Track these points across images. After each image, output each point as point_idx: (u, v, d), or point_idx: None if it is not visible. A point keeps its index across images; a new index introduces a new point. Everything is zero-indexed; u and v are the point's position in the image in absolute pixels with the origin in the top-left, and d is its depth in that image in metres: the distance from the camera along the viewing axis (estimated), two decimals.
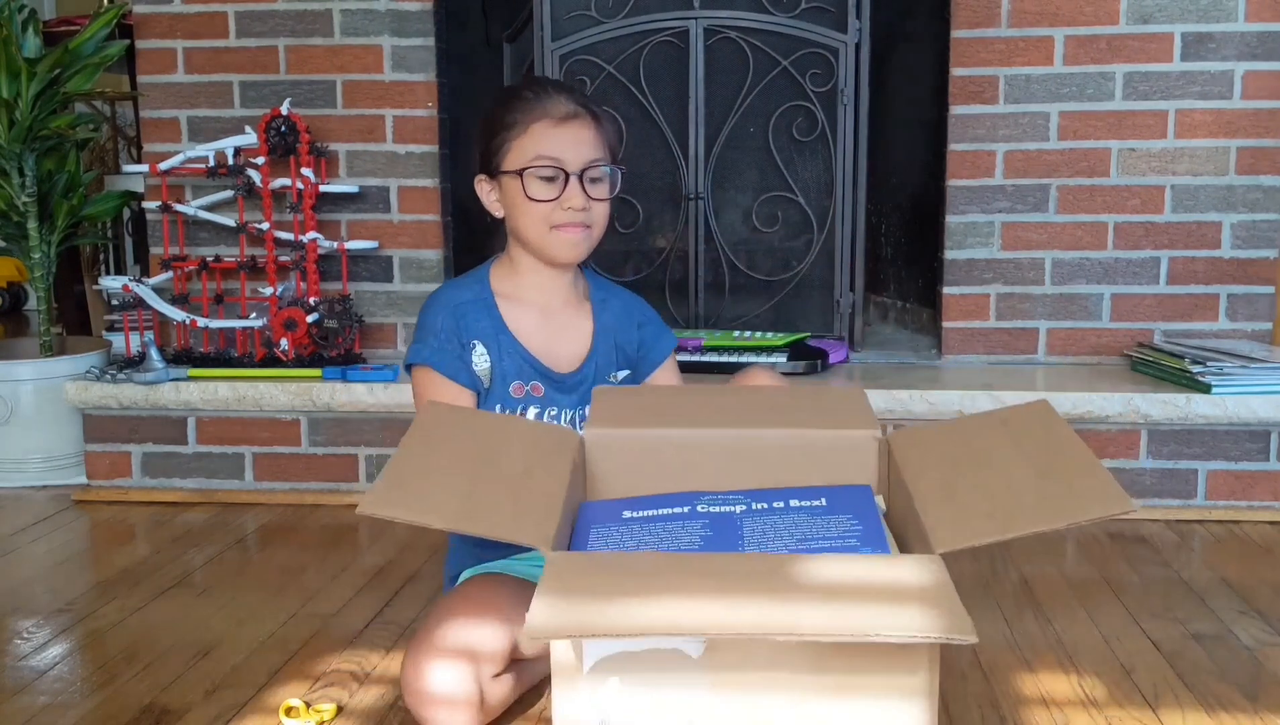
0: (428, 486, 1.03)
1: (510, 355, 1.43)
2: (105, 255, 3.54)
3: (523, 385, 1.43)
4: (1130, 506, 0.95)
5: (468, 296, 1.45)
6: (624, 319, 1.52)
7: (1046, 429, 1.13)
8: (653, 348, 1.55)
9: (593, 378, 1.48)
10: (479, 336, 1.43)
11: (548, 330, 1.47)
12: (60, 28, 2.82)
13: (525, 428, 1.26)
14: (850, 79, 2.36)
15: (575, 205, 1.38)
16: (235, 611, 1.61)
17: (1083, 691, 1.34)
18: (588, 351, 1.48)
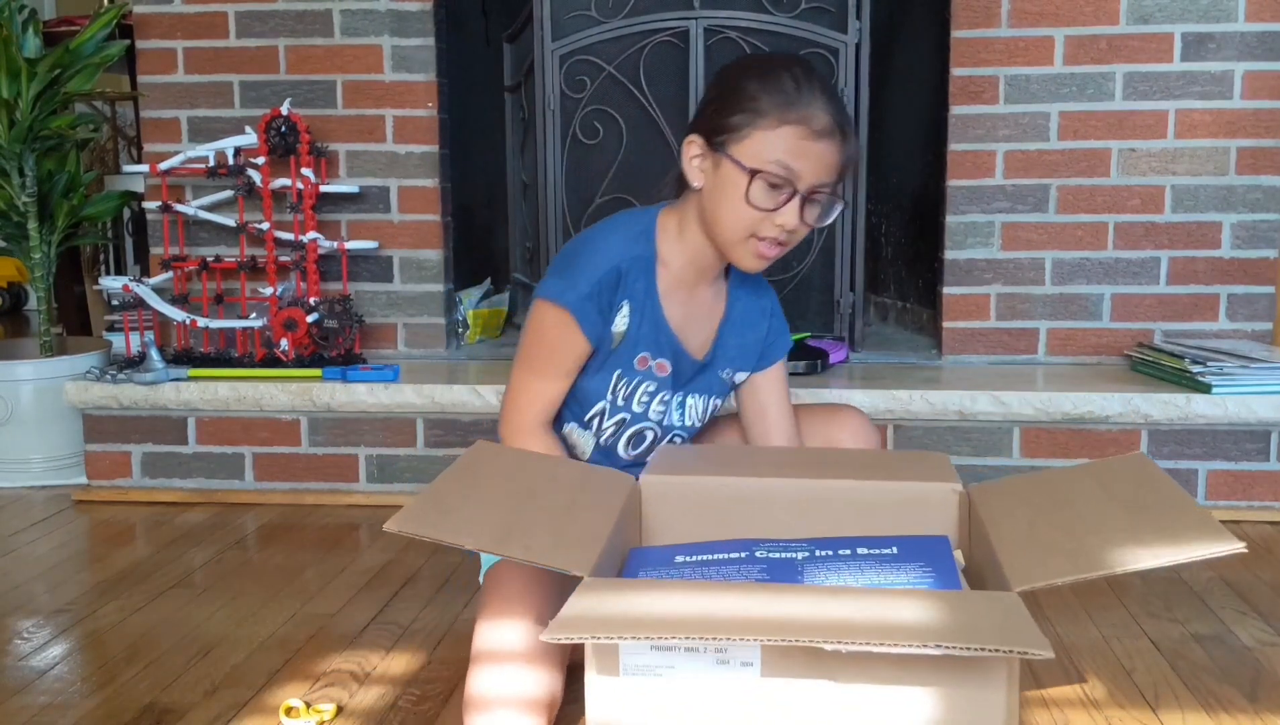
0: (465, 511, 0.99)
1: (651, 324, 1.34)
2: (105, 255, 3.54)
3: (648, 358, 1.36)
4: (1238, 545, 0.88)
5: (637, 252, 1.34)
6: (753, 310, 1.46)
7: (1142, 477, 1.06)
8: (773, 344, 1.48)
9: (715, 371, 1.43)
10: (630, 297, 1.33)
11: (689, 307, 1.39)
12: (60, 28, 2.82)
13: (575, 468, 1.21)
14: (850, 79, 2.36)
15: (788, 225, 1.28)
16: (235, 611, 1.61)
17: (1083, 691, 1.34)
18: (713, 340, 1.42)
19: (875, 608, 0.83)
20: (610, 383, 1.36)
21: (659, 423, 1.41)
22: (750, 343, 1.45)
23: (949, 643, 0.76)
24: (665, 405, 1.39)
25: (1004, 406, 2.05)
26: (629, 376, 1.35)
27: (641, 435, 1.42)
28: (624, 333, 1.33)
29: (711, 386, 1.44)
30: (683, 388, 1.40)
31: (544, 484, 1.07)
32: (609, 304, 1.31)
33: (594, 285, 1.30)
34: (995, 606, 0.84)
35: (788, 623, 0.80)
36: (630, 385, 1.35)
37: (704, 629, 0.79)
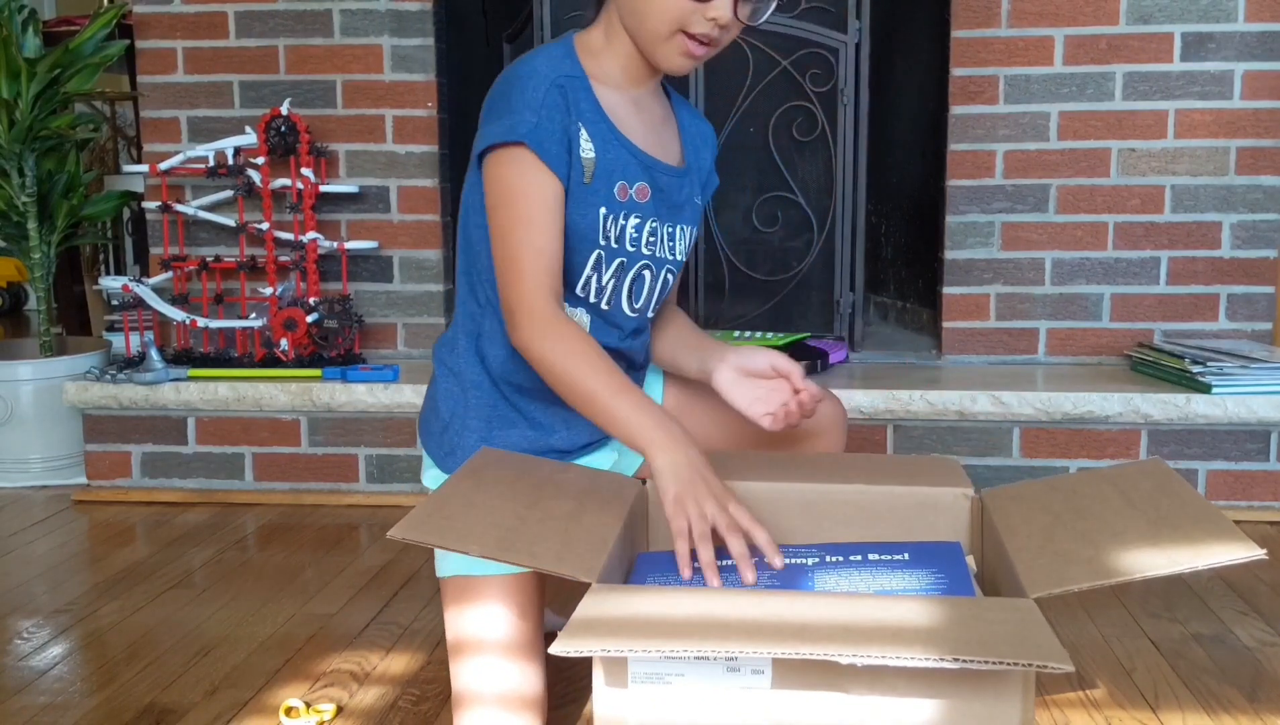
0: (469, 518, 0.97)
1: (615, 146, 1.19)
2: (105, 255, 3.54)
3: (627, 186, 1.20)
4: (1258, 552, 0.86)
5: (566, 70, 1.18)
6: (702, 143, 1.33)
7: (1161, 483, 1.04)
8: (708, 182, 1.35)
9: (690, 191, 1.28)
10: (584, 119, 1.16)
11: (646, 127, 1.24)
12: (60, 28, 2.82)
13: (581, 474, 1.16)
14: (850, 79, 2.36)
15: (721, 18, 1.12)
16: (235, 611, 1.61)
17: (1083, 692, 1.34)
18: (681, 151, 1.29)
19: (889, 617, 0.82)
20: (599, 223, 1.19)
21: (653, 258, 1.25)
22: (702, 169, 1.31)
23: (966, 655, 0.75)
24: (656, 235, 1.23)
25: (1004, 406, 2.05)
26: (614, 211, 1.19)
27: (639, 278, 1.25)
28: (594, 161, 1.17)
29: (692, 214, 1.30)
30: (667, 214, 1.25)
31: (549, 490, 1.07)
32: (563, 127, 1.14)
33: (539, 110, 1.13)
34: (1012, 615, 0.84)
35: (800, 631, 0.79)
36: (619, 221, 1.20)
37: (715, 639, 0.79)
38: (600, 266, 1.22)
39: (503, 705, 1.14)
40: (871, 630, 0.80)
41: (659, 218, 1.23)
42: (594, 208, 1.18)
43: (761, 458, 1.29)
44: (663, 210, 1.24)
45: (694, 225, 1.30)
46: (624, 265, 1.23)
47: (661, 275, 1.27)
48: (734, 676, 0.83)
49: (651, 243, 1.24)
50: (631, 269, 1.24)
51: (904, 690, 0.82)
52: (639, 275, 1.25)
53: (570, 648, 0.78)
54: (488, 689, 1.14)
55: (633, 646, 0.79)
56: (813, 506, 1.14)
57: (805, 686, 0.83)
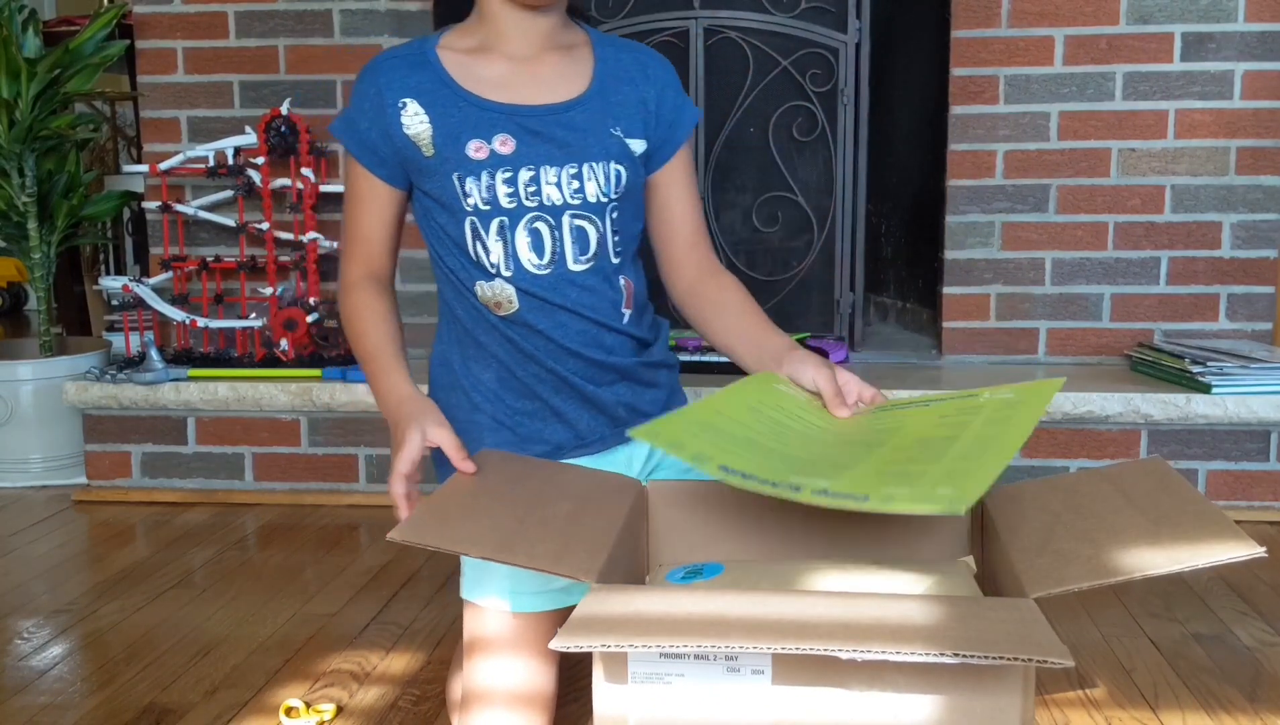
0: (468, 520, 0.97)
1: (458, 105, 1.17)
2: (105, 255, 3.54)
3: (483, 144, 1.16)
4: (1257, 550, 0.86)
5: (399, 53, 1.21)
6: (639, 71, 1.23)
7: (1161, 482, 1.04)
8: (675, 119, 1.25)
9: (591, 123, 1.19)
10: (409, 92, 1.17)
11: (520, 78, 1.19)
12: (60, 28, 2.82)
13: (581, 474, 1.15)
14: (850, 79, 2.36)
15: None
16: (235, 611, 1.61)
17: (1083, 691, 1.34)
18: (583, 91, 1.20)
19: (890, 613, 0.82)
20: (458, 188, 1.17)
21: (542, 207, 1.18)
22: (634, 99, 1.22)
23: (966, 651, 0.75)
24: (536, 183, 1.17)
25: None
26: (472, 171, 1.16)
27: (536, 232, 1.19)
28: (429, 130, 1.17)
29: (602, 149, 1.19)
30: (554, 156, 1.17)
31: (549, 491, 1.07)
32: (378, 115, 1.18)
33: (355, 102, 1.21)
34: (1012, 613, 0.84)
35: (800, 629, 0.79)
36: (480, 181, 1.16)
37: (714, 636, 0.79)
38: (479, 232, 1.18)
39: (510, 704, 1.14)
40: (871, 627, 0.80)
41: (538, 162, 1.17)
42: (446, 176, 1.17)
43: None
44: (547, 153, 1.17)
45: (609, 159, 1.20)
46: (505, 225, 1.18)
47: (568, 223, 1.20)
48: (734, 675, 0.83)
49: (533, 193, 1.18)
50: (518, 226, 1.18)
51: (904, 687, 0.82)
52: (532, 230, 1.19)
53: (570, 643, 0.78)
54: (498, 687, 1.15)
55: (632, 643, 0.79)
56: (816, 508, 1.14)
57: (806, 684, 0.83)
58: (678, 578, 1.06)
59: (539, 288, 1.19)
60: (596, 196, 1.19)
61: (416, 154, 1.18)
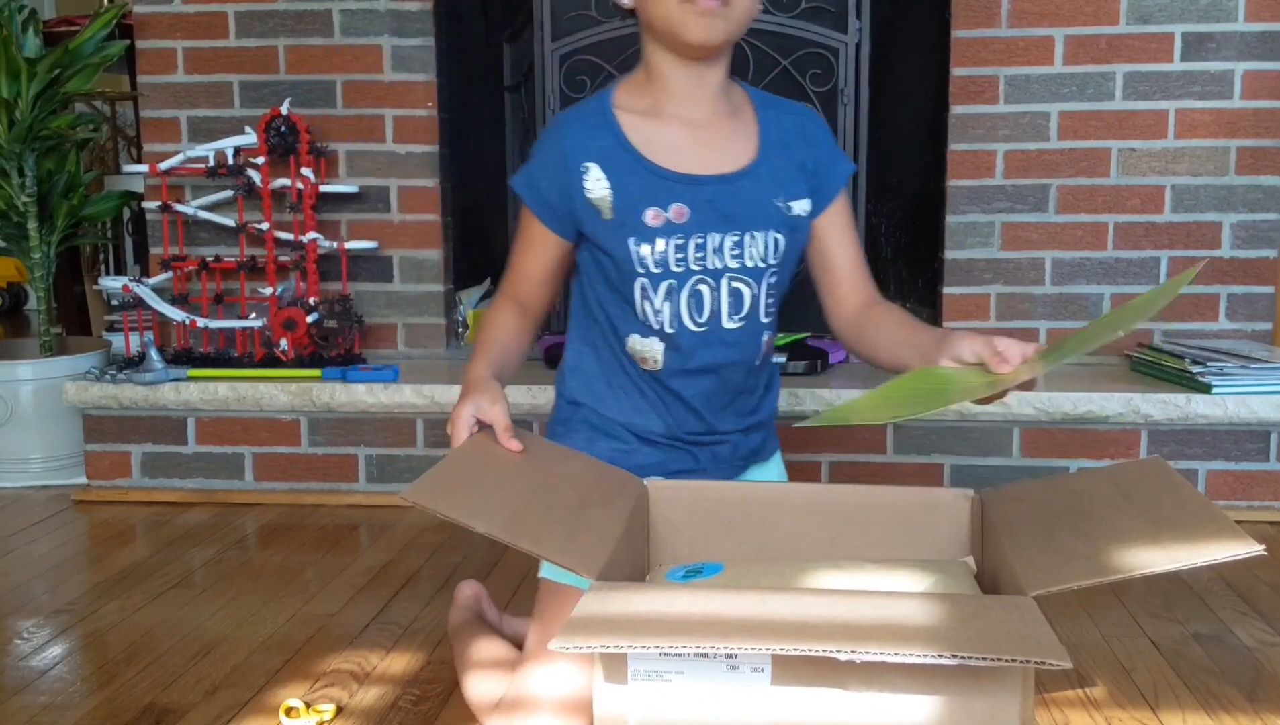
0: (478, 493, 0.97)
1: (638, 174, 1.23)
2: (105, 255, 3.54)
3: (661, 212, 1.23)
4: (1256, 548, 0.88)
5: (582, 113, 1.27)
6: (798, 134, 1.31)
7: (1162, 482, 1.04)
8: (830, 173, 1.32)
9: (757, 193, 1.26)
10: (593, 157, 1.24)
11: (695, 145, 1.26)
12: (60, 28, 2.82)
13: (588, 464, 1.17)
14: (850, 79, 2.36)
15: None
16: (235, 611, 1.61)
17: (1083, 691, 1.34)
18: (753, 158, 1.27)
19: (889, 613, 0.82)
20: (630, 252, 1.24)
21: (706, 270, 1.26)
22: (793, 164, 1.30)
23: (964, 652, 0.75)
24: (703, 250, 1.25)
25: (1004, 406, 2.05)
26: (647, 238, 1.24)
27: (697, 294, 1.27)
28: (610, 196, 1.24)
29: (764, 218, 1.27)
30: (722, 224, 1.25)
31: (556, 476, 1.07)
32: (559, 182, 1.26)
33: (538, 161, 1.28)
34: (1011, 613, 0.84)
35: (800, 629, 0.79)
36: (654, 247, 1.24)
37: (714, 636, 0.79)
38: (648, 293, 1.27)
39: (561, 711, 1.14)
40: (870, 627, 0.80)
41: (707, 230, 1.25)
42: (623, 240, 1.25)
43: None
44: (715, 222, 1.25)
45: (770, 229, 1.28)
46: (674, 287, 1.27)
47: (725, 285, 1.28)
48: (734, 674, 0.83)
49: (700, 258, 1.26)
50: (684, 288, 1.27)
51: (903, 687, 0.82)
52: (694, 291, 1.27)
53: (570, 644, 0.78)
54: (550, 695, 1.15)
55: (632, 643, 0.79)
56: (813, 508, 1.14)
57: (805, 684, 0.83)
58: (678, 577, 1.06)
59: (693, 344, 1.29)
60: (755, 263, 1.29)
61: (595, 216, 1.25)
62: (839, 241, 1.35)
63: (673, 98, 1.27)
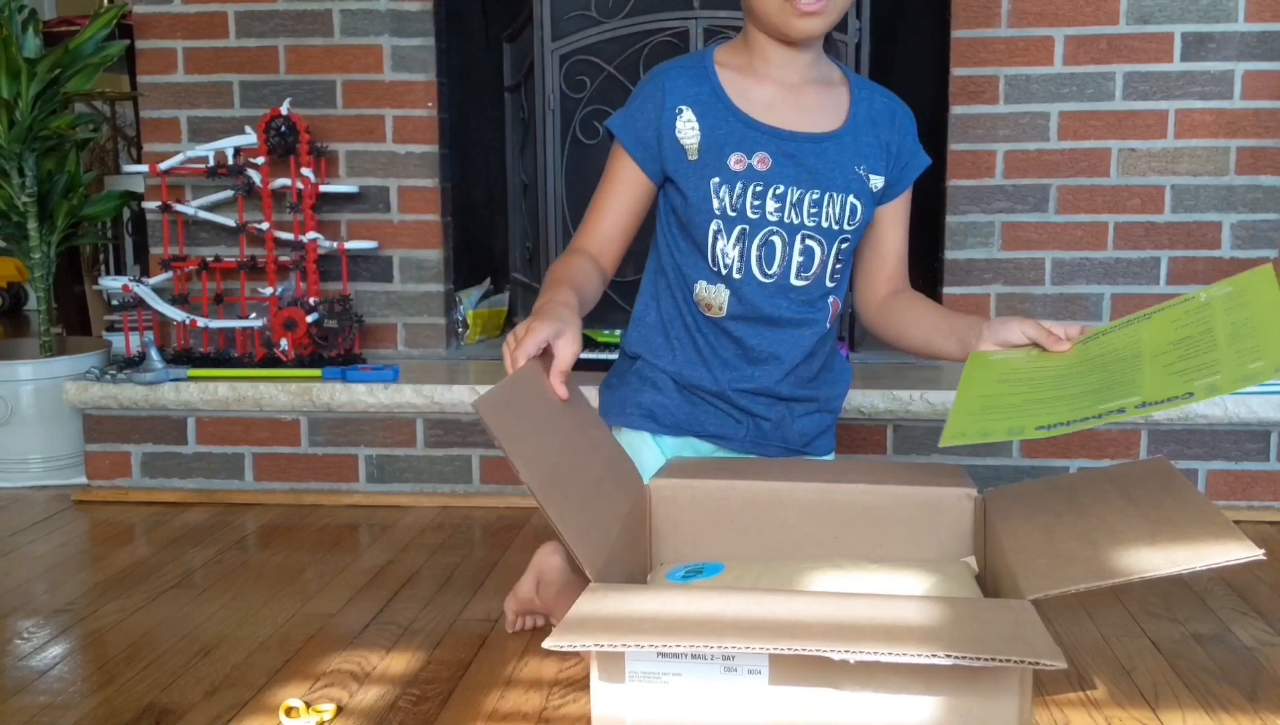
0: (527, 428, 0.96)
1: (728, 120, 1.30)
2: (105, 255, 3.54)
3: (744, 157, 1.29)
4: (1255, 553, 0.88)
5: (684, 63, 1.34)
6: (888, 117, 1.37)
7: (1163, 483, 1.05)
8: (909, 163, 1.38)
9: (841, 157, 1.32)
10: (688, 101, 1.30)
11: (785, 103, 1.32)
12: (60, 28, 2.82)
13: (605, 438, 1.17)
14: None
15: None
16: (235, 611, 1.61)
17: (1083, 691, 1.34)
18: (840, 125, 1.33)
19: (885, 614, 0.82)
20: (710, 192, 1.30)
21: (781, 223, 1.31)
22: (879, 142, 1.35)
23: (960, 652, 0.75)
24: (781, 201, 1.30)
25: None
26: (729, 181, 1.29)
27: (769, 244, 1.32)
28: (698, 139, 1.30)
29: (845, 182, 1.33)
30: (803, 179, 1.31)
31: (585, 441, 1.06)
32: (653, 121, 1.31)
33: (637, 101, 1.33)
34: (1006, 614, 0.84)
35: (796, 629, 0.79)
36: (734, 190, 1.29)
37: (711, 636, 0.78)
38: (720, 236, 1.32)
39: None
40: (866, 628, 0.80)
41: (788, 183, 1.30)
42: (704, 180, 1.30)
43: (768, 462, 1.29)
44: (796, 175, 1.30)
45: (849, 193, 1.33)
46: (746, 232, 1.31)
47: (798, 242, 1.32)
48: (731, 675, 0.83)
49: (778, 209, 1.30)
50: (757, 236, 1.31)
51: (900, 688, 0.82)
52: (767, 241, 1.32)
53: (565, 643, 0.78)
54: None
55: (626, 642, 0.79)
56: (814, 507, 1.14)
57: (802, 684, 0.83)
58: (678, 577, 1.06)
59: (758, 295, 1.33)
60: (830, 223, 1.33)
61: (681, 156, 1.31)
62: (894, 230, 1.40)
63: (768, 62, 1.33)
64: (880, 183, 1.35)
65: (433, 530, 2.00)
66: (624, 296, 2.46)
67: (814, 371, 1.40)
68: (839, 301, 1.39)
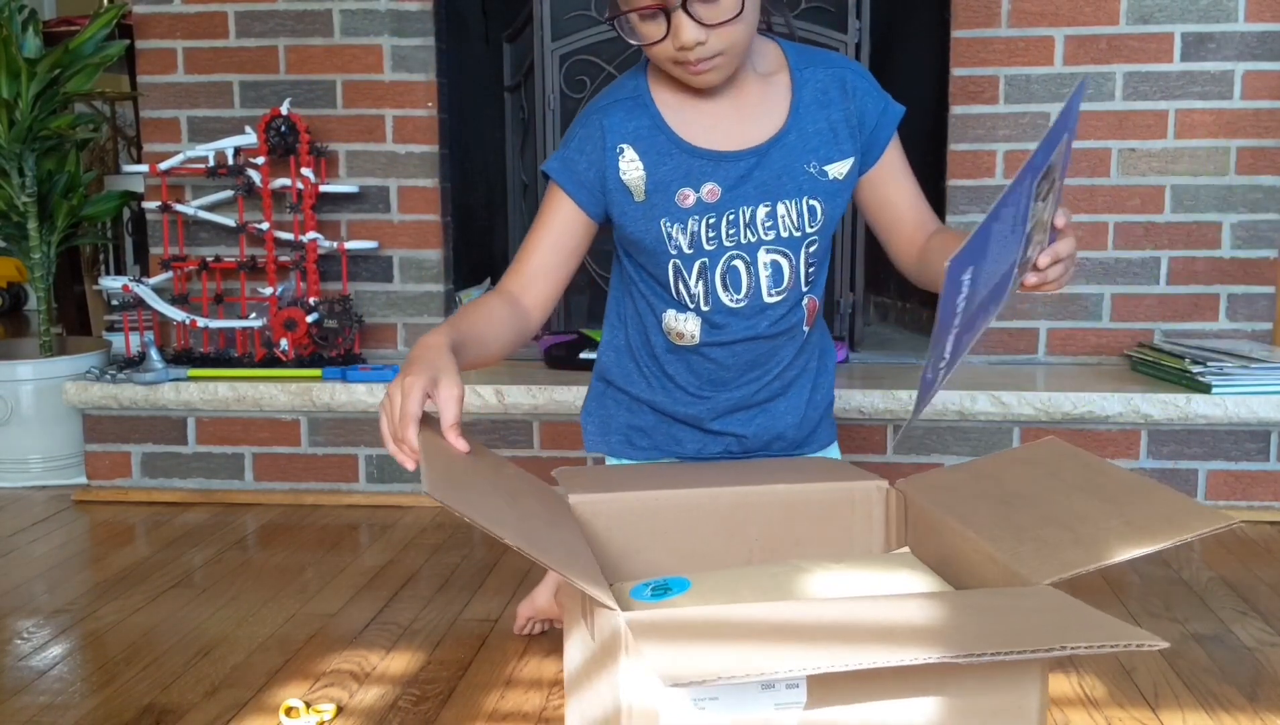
0: (475, 494, 0.91)
1: (672, 154, 1.24)
2: (105, 255, 3.54)
3: (691, 192, 1.24)
4: (1231, 519, 0.88)
5: (619, 96, 1.27)
6: (837, 89, 1.27)
7: (1075, 461, 1.05)
8: (878, 123, 1.28)
9: (787, 161, 1.25)
10: (627, 139, 1.24)
11: (727, 117, 1.25)
12: (60, 28, 2.82)
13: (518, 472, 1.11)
14: None
15: (687, 42, 1.14)
16: (235, 611, 1.61)
17: (1083, 691, 1.34)
18: (783, 124, 1.25)
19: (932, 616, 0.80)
20: (663, 234, 1.25)
21: (739, 245, 1.26)
22: (829, 125, 1.27)
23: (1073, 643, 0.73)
24: (735, 225, 1.25)
25: (1004, 406, 2.05)
26: (679, 219, 1.24)
27: (732, 269, 1.27)
28: (643, 177, 1.24)
29: (795, 186, 1.26)
30: (752, 196, 1.24)
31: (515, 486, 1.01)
32: (596, 163, 1.24)
33: (575, 142, 1.26)
34: (1052, 602, 0.82)
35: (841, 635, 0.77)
36: (686, 227, 1.24)
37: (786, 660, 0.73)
38: (681, 274, 1.28)
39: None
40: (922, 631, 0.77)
41: (738, 205, 1.24)
42: (654, 221, 1.25)
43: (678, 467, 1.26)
44: (746, 195, 1.24)
45: (802, 196, 1.26)
46: (706, 266, 1.27)
47: (762, 258, 1.27)
48: (770, 693, 0.81)
49: (733, 234, 1.26)
50: (718, 265, 1.27)
51: (914, 691, 0.81)
52: (729, 267, 1.27)
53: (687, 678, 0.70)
54: None
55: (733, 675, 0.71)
56: (734, 510, 1.13)
57: (842, 702, 0.81)
58: (645, 595, 1.04)
59: (731, 320, 1.29)
60: (790, 232, 1.27)
61: (627, 198, 1.25)
62: (897, 187, 1.31)
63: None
64: (844, 168, 1.27)
65: (433, 530, 2.00)
66: None
67: (793, 376, 1.36)
68: (815, 299, 1.33)
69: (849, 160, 1.27)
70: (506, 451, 2.14)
